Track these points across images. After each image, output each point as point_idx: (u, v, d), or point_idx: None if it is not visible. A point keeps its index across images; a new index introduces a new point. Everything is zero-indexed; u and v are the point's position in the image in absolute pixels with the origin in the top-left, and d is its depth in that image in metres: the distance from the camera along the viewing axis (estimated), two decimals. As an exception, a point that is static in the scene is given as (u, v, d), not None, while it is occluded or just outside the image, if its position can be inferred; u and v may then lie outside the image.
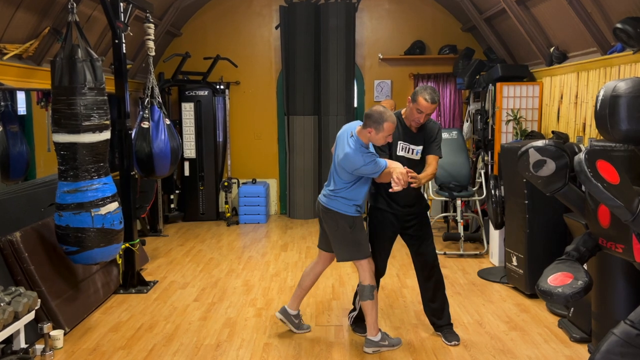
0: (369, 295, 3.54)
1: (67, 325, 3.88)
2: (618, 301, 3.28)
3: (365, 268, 3.56)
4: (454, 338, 3.75)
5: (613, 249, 2.80)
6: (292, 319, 3.93)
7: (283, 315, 3.92)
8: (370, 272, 3.57)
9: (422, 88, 3.54)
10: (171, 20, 6.85)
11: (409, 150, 3.64)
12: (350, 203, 3.53)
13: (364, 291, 3.56)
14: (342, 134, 3.56)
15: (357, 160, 3.36)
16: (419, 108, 3.51)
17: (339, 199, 3.54)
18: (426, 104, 3.49)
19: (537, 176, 2.97)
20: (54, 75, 3.73)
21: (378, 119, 3.31)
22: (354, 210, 3.55)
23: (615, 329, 2.52)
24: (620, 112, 2.71)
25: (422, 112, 3.52)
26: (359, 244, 3.58)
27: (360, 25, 7.73)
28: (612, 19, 4.25)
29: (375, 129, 3.33)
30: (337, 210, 3.55)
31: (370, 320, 3.59)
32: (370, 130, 3.35)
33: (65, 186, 3.78)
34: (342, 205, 3.54)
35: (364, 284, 3.56)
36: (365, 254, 3.58)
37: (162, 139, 5.08)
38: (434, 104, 3.50)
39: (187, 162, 7.49)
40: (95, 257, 3.92)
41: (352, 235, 3.56)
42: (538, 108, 5.83)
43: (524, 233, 4.47)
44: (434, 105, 3.52)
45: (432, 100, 3.49)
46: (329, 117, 7.55)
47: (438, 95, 3.55)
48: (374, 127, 3.33)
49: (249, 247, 6.30)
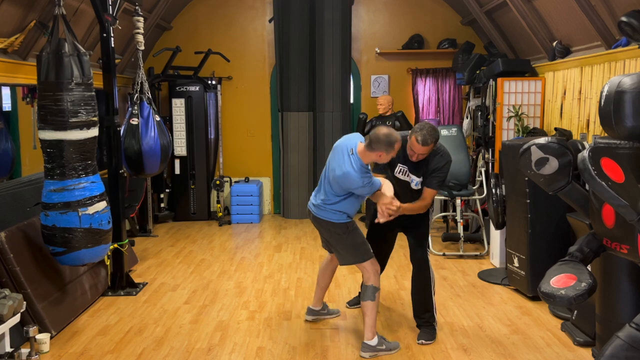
0: (371, 296, 3.56)
1: (53, 329, 3.84)
2: (623, 303, 3.27)
3: (368, 269, 3.60)
4: (423, 337, 3.77)
5: (618, 250, 2.81)
6: (320, 312, 4.15)
7: (311, 314, 4.13)
8: (375, 273, 3.60)
9: (419, 126, 3.53)
10: (161, 13, 6.81)
11: (407, 175, 3.72)
12: (340, 213, 3.59)
13: (366, 291, 3.60)
14: (340, 147, 3.54)
15: (357, 182, 3.40)
16: (411, 147, 3.55)
17: (328, 210, 3.59)
18: (417, 146, 3.51)
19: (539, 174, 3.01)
20: (40, 70, 3.71)
21: (387, 142, 3.32)
22: (345, 217, 3.60)
23: (620, 332, 2.52)
24: (625, 108, 2.70)
25: (414, 152, 3.55)
26: (357, 247, 3.63)
27: (356, 19, 7.71)
28: (616, 12, 4.23)
29: (386, 151, 3.36)
30: (327, 219, 3.61)
31: (368, 321, 3.59)
32: (380, 154, 3.37)
33: (51, 185, 3.76)
34: (332, 214, 3.59)
35: (367, 284, 3.60)
36: (366, 256, 3.62)
37: (151, 136, 5.05)
38: (425, 145, 3.49)
39: (178, 160, 7.44)
40: (83, 258, 3.90)
41: (348, 240, 3.62)
42: (540, 104, 5.81)
43: (526, 233, 4.44)
44: (426, 148, 3.51)
45: (424, 142, 3.48)
46: (324, 113, 7.52)
47: (435, 136, 3.51)
48: (383, 151, 3.35)
49: (242, 248, 6.27)
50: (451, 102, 7.64)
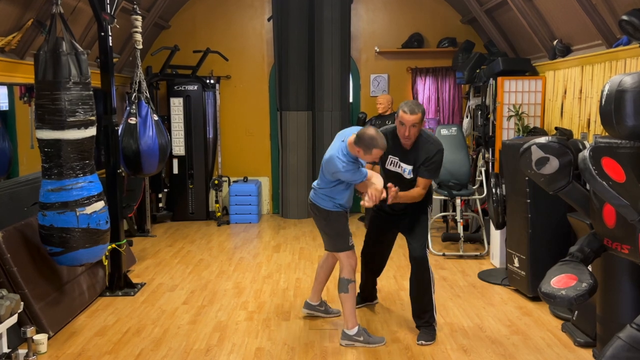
0: (344, 288, 3.72)
1: (51, 329, 3.83)
2: (624, 304, 3.27)
3: (343, 261, 3.78)
4: (422, 338, 3.77)
5: (619, 250, 2.81)
6: (317, 308, 4.17)
7: (308, 308, 4.17)
8: (349, 267, 3.75)
9: (403, 102, 3.70)
10: (159, 11, 6.78)
11: (398, 166, 3.80)
12: (329, 199, 3.73)
13: (340, 283, 3.76)
14: (338, 135, 3.74)
15: (337, 165, 3.53)
16: (401, 120, 3.64)
17: (319, 194, 3.77)
18: (405, 115, 3.60)
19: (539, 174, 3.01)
20: (37, 69, 3.69)
21: (368, 144, 3.44)
22: (332, 205, 3.73)
23: (621, 333, 2.52)
24: (626, 108, 2.68)
25: (404, 124, 3.62)
26: (336, 236, 3.79)
27: (355, 17, 7.68)
28: (617, 11, 4.21)
29: (364, 152, 3.48)
30: (317, 204, 3.78)
31: (345, 312, 3.76)
32: (359, 150, 3.49)
33: (49, 184, 3.75)
34: (321, 199, 3.76)
35: (341, 277, 3.76)
36: (342, 246, 3.77)
37: (149, 135, 5.03)
38: (413, 114, 3.59)
39: (176, 160, 7.41)
40: (81, 258, 3.89)
41: (328, 227, 3.78)
42: (541, 103, 5.79)
43: (526, 233, 4.43)
44: (415, 116, 3.59)
45: (411, 111, 3.59)
46: (323, 112, 7.51)
47: (421, 108, 3.64)
48: (362, 149, 3.48)
49: (240, 248, 6.25)
50: (451, 101, 7.61)
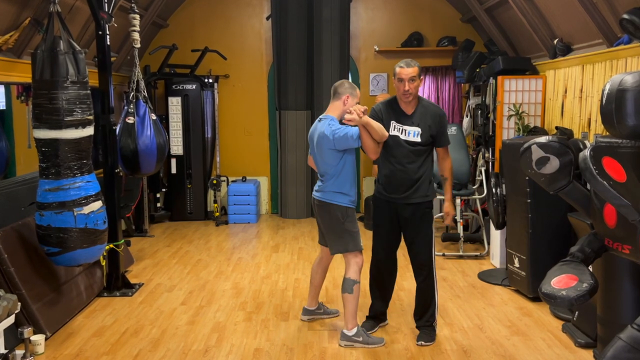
0: (349, 289, 3.70)
1: (48, 330, 3.83)
2: (625, 304, 3.26)
3: (350, 262, 3.73)
4: (422, 338, 3.76)
5: (619, 250, 2.80)
6: (316, 312, 4.16)
7: (306, 315, 4.15)
8: (357, 267, 3.73)
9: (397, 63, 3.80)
10: (157, 10, 6.78)
11: (402, 131, 3.73)
12: (341, 194, 3.72)
13: (345, 283, 3.73)
14: (312, 132, 3.88)
15: (332, 128, 3.65)
16: (399, 77, 3.67)
17: (329, 192, 3.74)
18: (402, 69, 3.65)
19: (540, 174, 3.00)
20: (34, 68, 3.69)
21: (348, 85, 3.76)
22: (348, 200, 3.73)
23: (622, 333, 2.49)
24: (627, 107, 2.65)
25: (403, 79, 3.64)
26: (351, 236, 3.74)
27: (355, 16, 7.68)
28: (618, 10, 4.21)
29: (351, 95, 3.73)
30: (330, 201, 3.73)
31: (346, 312, 3.73)
32: (346, 97, 3.73)
33: (46, 184, 3.74)
34: (333, 196, 3.73)
35: (347, 277, 3.72)
36: (356, 247, 3.74)
37: (147, 135, 5.01)
38: (409, 67, 3.65)
39: (174, 159, 7.41)
40: (78, 259, 3.88)
41: (345, 226, 3.73)
42: (541, 102, 5.79)
43: (527, 233, 4.42)
44: (411, 69, 3.64)
45: (407, 64, 3.66)
46: (322, 112, 7.37)
47: (415, 62, 3.70)
48: (349, 94, 3.73)
49: (239, 248, 6.24)
50: (451, 100, 7.60)
